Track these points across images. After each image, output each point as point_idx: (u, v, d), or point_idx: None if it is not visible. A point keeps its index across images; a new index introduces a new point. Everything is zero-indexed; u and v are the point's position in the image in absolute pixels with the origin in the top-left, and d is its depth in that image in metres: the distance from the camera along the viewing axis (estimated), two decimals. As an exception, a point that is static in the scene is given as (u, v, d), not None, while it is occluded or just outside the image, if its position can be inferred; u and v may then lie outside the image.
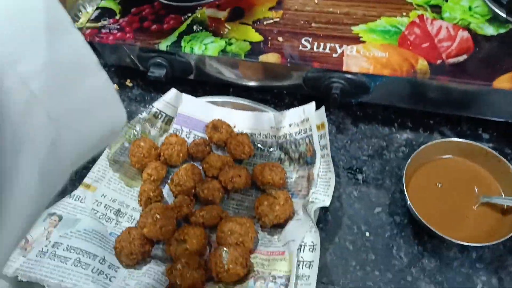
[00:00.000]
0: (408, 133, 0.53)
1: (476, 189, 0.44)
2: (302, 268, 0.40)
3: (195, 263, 0.42)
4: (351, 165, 0.51)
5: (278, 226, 0.46)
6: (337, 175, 0.51)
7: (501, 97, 0.47)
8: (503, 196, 0.43)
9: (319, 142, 0.49)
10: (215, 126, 0.54)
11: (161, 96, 0.56)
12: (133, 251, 0.43)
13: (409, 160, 0.45)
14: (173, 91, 0.57)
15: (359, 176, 0.50)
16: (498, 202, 0.43)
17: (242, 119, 0.56)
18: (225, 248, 0.41)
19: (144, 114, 0.55)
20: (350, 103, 0.55)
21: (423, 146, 0.45)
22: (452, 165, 0.46)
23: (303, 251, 0.41)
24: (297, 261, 0.41)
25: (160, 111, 0.56)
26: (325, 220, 0.47)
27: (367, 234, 0.46)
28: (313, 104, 0.50)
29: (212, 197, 0.48)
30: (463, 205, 0.44)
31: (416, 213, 0.42)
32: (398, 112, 0.55)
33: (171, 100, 0.56)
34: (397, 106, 0.54)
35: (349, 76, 0.50)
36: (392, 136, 0.53)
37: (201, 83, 0.63)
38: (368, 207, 0.48)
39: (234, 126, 0.56)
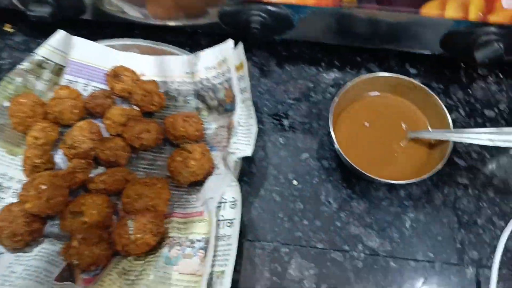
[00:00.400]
0: (335, 72, 0.49)
1: (403, 125, 0.42)
2: (223, 227, 0.35)
3: (94, 238, 0.35)
4: (276, 111, 0.46)
5: (197, 184, 0.40)
6: (261, 122, 0.45)
7: (428, 28, 0.44)
8: (430, 130, 0.42)
9: (238, 85, 0.42)
10: (117, 73, 0.45)
11: (48, 41, 0.45)
12: (17, 232, 0.35)
13: (336, 98, 0.41)
14: (60, 34, 0.46)
15: (285, 122, 0.46)
16: (426, 137, 0.41)
17: (151, 64, 0.47)
18: (129, 216, 0.35)
19: (25, 64, 0.44)
20: (273, 40, 0.48)
21: (349, 83, 0.41)
22: (379, 102, 0.43)
23: (224, 208, 0.36)
24: (217, 220, 0.36)
25: (46, 58, 0.45)
26: (249, 172, 0.43)
27: (295, 182, 0.42)
28: (230, 42, 0.44)
29: (116, 157, 0.40)
30: (391, 142, 0.41)
31: (344, 156, 0.38)
32: (325, 50, 0.50)
33: (58, 44, 0.46)
34: (324, 44, 0.50)
35: (270, 8, 0.43)
36: (319, 76, 0.49)
37: (100, 25, 0.52)
38: (294, 154, 0.44)
39: (142, 74, 0.47)
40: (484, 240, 0.39)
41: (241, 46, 0.42)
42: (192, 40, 0.51)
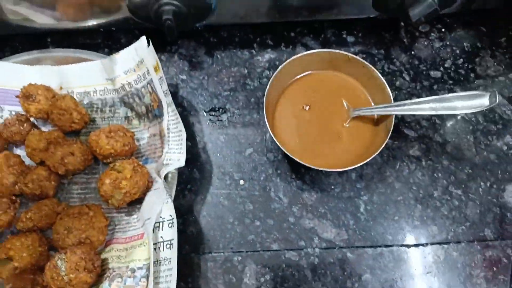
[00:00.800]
0: (270, 52, 0.45)
1: (345, 103, 0.39)
2: (163, 250, 0.33)
3: (26, 284, 0.32)
4: (213, 106, 0.43)
5: (138, 202, 0.37)
6: (198, 121, 0.42)
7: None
8: (373, 105, 0.38)
9: (161, 87, 0.38)
10: (28, 93, 0.40)
11: None
12: None
13: (268, 86, 0.37)
14: (-46, 59, 0.41)
15: (223, 117, 0.42)
16: (368, 114, 0.38)
17: (68, 75, 0.43)
18: (59, 255, 0.32)
19: None
20: (196, 29, 0.44)
21: (280, 67, 0.38)
22: (316, 81, 0.40)
23: (162, 228, 0.34)
24: (157, 242, 0.33)
25: None
26: (192, 178, 0.40)
27: (241, 182, 0.39)
28: (143, 39, 0.39)
29: (41, 190, 0.37)
30: (334, 124, 0.38)
31: (284, 149, 0.35)
32: (256, 30, 0.46)
33: (-46, 72, 0.41)
34: (254, 23, 0.45)
35: (181, -7, 0.39)
36: (253, 60, 0.44)
37: (5, 39, 0.46)
38: (238, 150, 0.41)
39: (61, 88, 0.43)
40: (442, 213, 0.37)
41: (151, 45, 0.37)
42: (110, 39, 0.46)
